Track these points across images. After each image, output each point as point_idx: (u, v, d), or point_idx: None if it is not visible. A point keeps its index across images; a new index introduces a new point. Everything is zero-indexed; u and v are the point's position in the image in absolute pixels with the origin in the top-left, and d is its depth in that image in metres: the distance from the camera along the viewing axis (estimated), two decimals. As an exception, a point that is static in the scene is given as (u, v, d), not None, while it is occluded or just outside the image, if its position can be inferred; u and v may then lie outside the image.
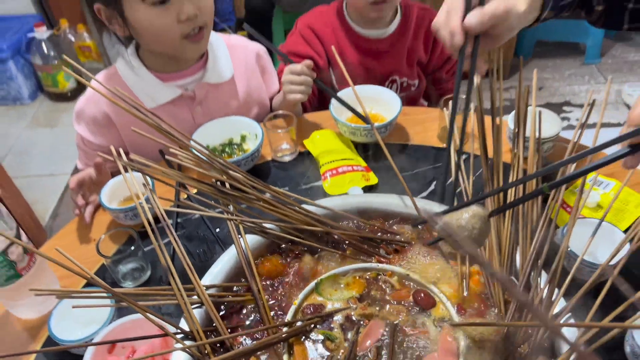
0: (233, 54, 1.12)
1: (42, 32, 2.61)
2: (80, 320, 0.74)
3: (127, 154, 0.79)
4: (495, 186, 0.75)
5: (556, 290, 0.65)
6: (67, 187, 2.22)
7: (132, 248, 0.81)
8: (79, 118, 1.08)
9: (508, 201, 0.75)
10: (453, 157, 0.82)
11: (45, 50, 2.67)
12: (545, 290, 0.65)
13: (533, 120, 0.77)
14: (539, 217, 0.72)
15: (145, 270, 0.84)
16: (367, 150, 1.02)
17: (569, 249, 0.72)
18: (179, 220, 0.93)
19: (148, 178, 0.81)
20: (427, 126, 1.06)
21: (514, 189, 0.76)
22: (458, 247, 0.64)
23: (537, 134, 0.78)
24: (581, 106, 2.36)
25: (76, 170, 1.04)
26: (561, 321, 0.62)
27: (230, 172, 0.78)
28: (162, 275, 0.84)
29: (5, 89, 2.78)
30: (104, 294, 0.64)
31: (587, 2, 0.95)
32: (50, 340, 0.74)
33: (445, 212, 0.63)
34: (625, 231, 0.81)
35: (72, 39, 2.80)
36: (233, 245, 0.76)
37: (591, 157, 0.68)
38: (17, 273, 0.74)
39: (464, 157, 0.93)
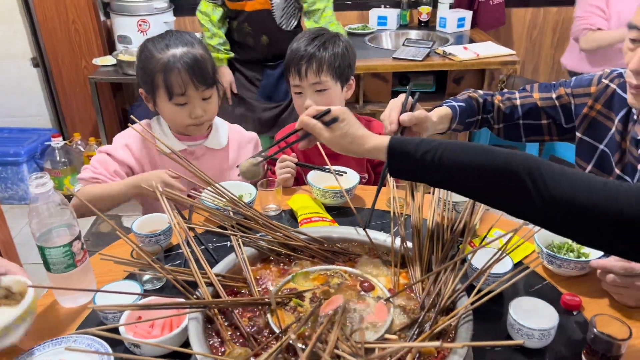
0: (231, 134, 1.56)
1: (57, 142, 3.01)
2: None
3: None
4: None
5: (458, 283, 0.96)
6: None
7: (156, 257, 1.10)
8: (114, 141, 1.47)
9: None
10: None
11: (57, 157, 3.04)
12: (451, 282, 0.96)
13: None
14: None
15: (162, 279, 1.11)
16: (333, 210, 1.36)
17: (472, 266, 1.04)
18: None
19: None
20: (381, 196, 1.42)
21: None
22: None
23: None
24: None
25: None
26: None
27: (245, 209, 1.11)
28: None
29: (15, 189, 3.09)
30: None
31: (487, 121, 1.38)
32: (85, 325, 0.99)
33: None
34: (518, 264, 1.14)
35: (82, 149, 3.20)
36: (233, 253, 1.05)
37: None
38: (74, 263, 1.01)
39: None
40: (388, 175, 1.28)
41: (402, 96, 1.20)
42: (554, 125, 1.32)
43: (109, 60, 2.94)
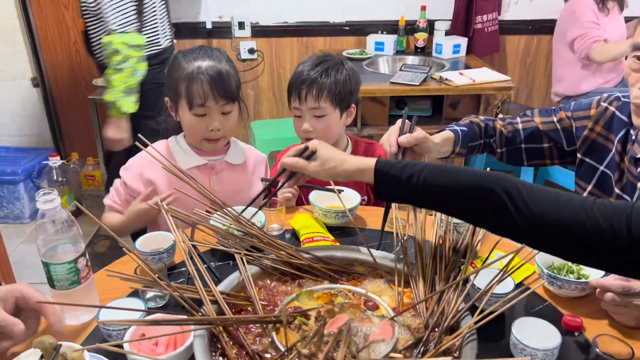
0: (247, 152, 1.60)
1: (55, 161, 3.01)
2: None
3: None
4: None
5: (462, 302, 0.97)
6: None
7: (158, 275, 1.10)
8: (129, 168, 1.47)
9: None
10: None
11: (55, 177, 3.04)
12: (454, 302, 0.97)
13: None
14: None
15: (165, 297, 1.11)
16: (335, 230, 1.37)
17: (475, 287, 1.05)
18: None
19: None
20: (380, 217, 1.43)
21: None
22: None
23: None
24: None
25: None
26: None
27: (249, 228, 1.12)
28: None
29: (10, 208, 3.08)
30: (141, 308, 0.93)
31: (490, 145, 1.41)
32: (87, 342, 0.99)
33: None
34: (519, 285, 1.15)
35: (79, 168, 3.20)
36: (237, 271, 1.06)
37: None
38: (79, 280, 1.01)
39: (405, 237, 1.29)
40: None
41: (397, 125, 1.25)
42: (555, 149, 1.35)
43: (109, 81, 2.97)
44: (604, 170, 1.26)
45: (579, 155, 1.31)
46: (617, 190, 1.23)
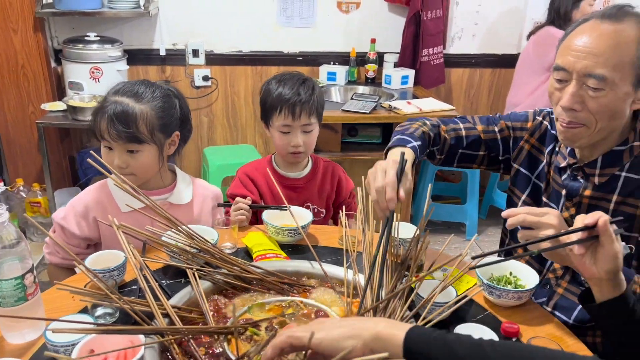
0: (196, 189, 1.56)
1: (-2, 187, 2.91)
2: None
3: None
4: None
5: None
6: None
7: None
8: (68, 214, 1.41)
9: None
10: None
11: (-3, 203, 2.93)
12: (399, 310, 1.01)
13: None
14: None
15: (115, 314, 1.10)
16: (287, 247, 1.40)
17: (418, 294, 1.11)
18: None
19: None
20: (331, 235, 1.48)
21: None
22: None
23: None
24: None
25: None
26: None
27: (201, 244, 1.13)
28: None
29: (-53, 236, 2.92)
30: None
31: (433, 153, 1.47)
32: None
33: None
34: (460, 295, 1.22)
35: (24, 195, 3.10)
36: (189, 286, 1.07)
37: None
38: (25, 296, 0.99)
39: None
40: (341, 213, 1.35)
41: (392, 170, 1.14)
42: (487, 157, 1.44)
43: (59, 105, 2.92)
44: (535, 181, 1.36)
45: (514, 164, 1.40)
46: (544, 199, 1.32)
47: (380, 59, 3.34)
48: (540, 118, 1.38)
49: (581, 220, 0.96)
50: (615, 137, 1.19)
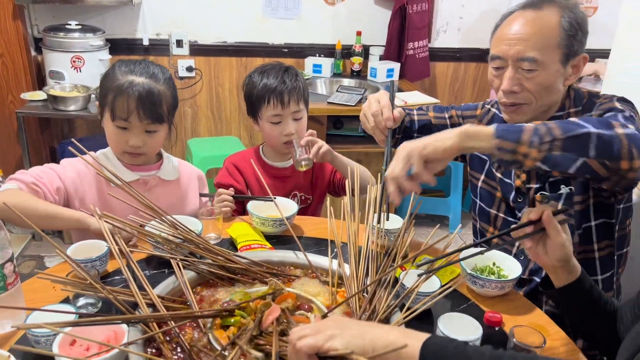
0: (181, 168, 1.57)
1: (-24, 178, 2.85)
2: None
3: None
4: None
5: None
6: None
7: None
8: (62, 162, 1.43)
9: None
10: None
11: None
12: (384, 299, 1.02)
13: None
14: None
15: (97, 304, 1.09)
16: (272, 238, 1.39)
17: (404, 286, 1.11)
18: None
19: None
20: (316, 226, 1.47)
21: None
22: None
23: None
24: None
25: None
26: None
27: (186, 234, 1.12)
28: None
29: None
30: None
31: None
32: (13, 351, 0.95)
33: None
34: (444, 285, 1.23)
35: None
36: (173, 276, 1.06)
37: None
38: (5, 286, 0.98)
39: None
40: (330, 207, 1.36)
41: (385, 96, 1.29)
42: None
43: (39, 95, 2.87)
44: (487, 162, 1.45)
45: None
46: (498, 175, 1.41)
47: (365, 51, 3.34)
48: (488, 106, 1.48)
49: (527, 215, 1.03)
50: (554, 109, 1.30)
